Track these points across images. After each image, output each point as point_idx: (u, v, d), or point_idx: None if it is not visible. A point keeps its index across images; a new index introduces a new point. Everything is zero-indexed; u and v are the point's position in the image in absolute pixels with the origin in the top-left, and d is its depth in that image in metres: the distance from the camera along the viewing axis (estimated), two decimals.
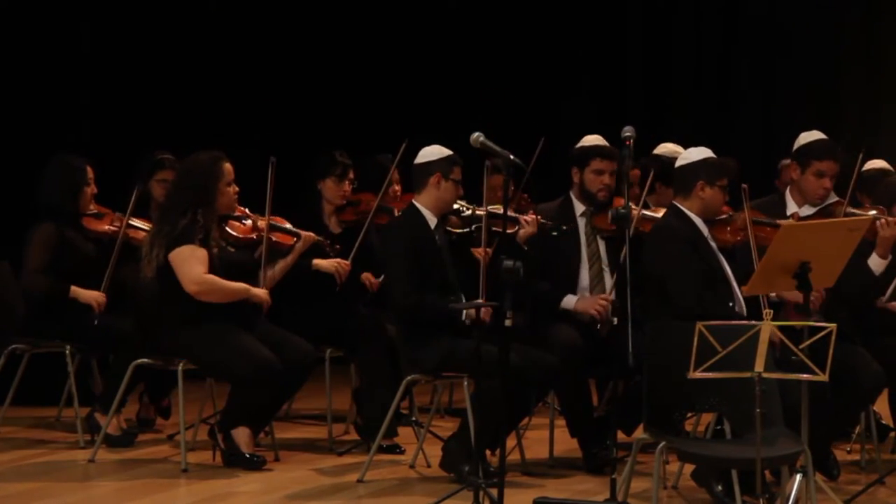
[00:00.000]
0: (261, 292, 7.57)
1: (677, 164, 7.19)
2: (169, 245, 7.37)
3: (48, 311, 8.12)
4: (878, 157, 8.33)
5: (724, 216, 7.24)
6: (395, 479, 7.38)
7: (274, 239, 7.83)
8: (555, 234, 7.61)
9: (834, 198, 7.36)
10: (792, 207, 7.35)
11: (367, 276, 8.31)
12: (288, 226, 7.95)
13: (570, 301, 7.58)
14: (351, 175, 8.40)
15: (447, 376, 7.40)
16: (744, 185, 7.16)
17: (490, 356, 6.71)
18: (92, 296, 8.11)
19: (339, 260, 8.14)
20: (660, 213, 7.65)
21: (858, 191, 7.89)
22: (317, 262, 8.11)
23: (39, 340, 8.25)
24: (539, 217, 7.54)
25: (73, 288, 8.09)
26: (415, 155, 7.49)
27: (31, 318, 8.25)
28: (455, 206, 7.53)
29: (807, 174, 7.32)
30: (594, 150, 7.76)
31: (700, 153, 7.15)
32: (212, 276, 7.38)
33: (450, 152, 7.39)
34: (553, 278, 7.64)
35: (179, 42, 11.30)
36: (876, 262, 7.14)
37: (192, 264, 7.35)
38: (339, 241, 8.26)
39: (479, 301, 7.18)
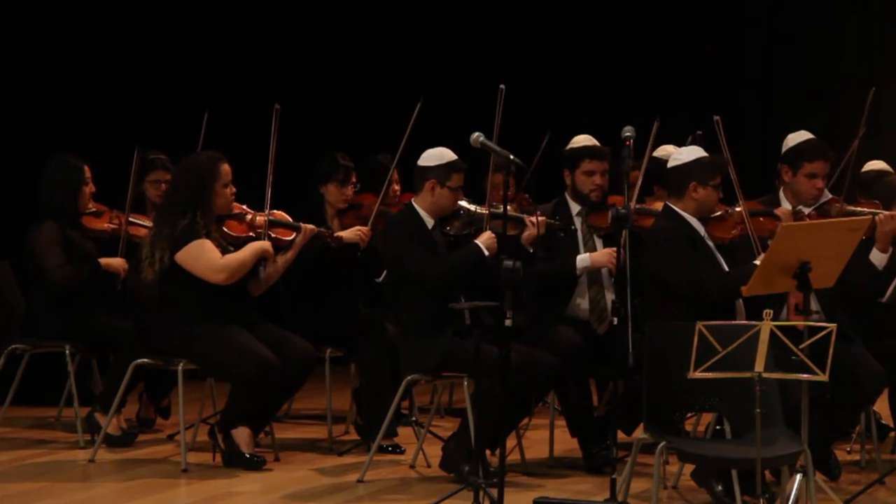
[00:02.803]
0: (266, 244, 7.58)
1: (669, 164, 7.19)
2: (173, 246, 7.37)
3: (49, 310, 8.12)
4: (877, 157, 8.33)
5: (719, 213, 7.23)
6: (395, 479, 7.38)
7: (273, 235, 7.82)
8: (562, 234, 7.61)
9: (828, 196, 7.36)
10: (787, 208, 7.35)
11: (358, 230, 8.24)
12: (288, 219, 7.93)
13: (584, 259, 7.56)
14: (353, 178, 8.38)
15: (447, 376, 7.40)
16: (716, 117, 7.14)
17: (490, 356, 6.71)
18: (118, 262, 8.15)
19: (358, 227, 8.12)
20: (654, 206, 7.66)
21: (857, 190, 7.89)
22: (338, 233, 8.09)
23: (39, 340, 8.26)
24: (546, 218, 7.53)
25: (102, 260, 8.11)
26: (416, 153, 7.47)
27: (31, 318, 8.25)
28: (458, 205, 7.51)
29: (798, 176, 7.31)
30: (583, 152, 7.75)
31: (691, 153, 7.15)
32: (227, 257, 7.41)
33: (452, 158, 7.35)
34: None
35: (180, 41, 11.30)
36: (877, 257, 7.14)
37: (206, 256, 7.37)
38: (342, 243, 8.24)
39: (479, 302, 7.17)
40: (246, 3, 11.74)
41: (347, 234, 8.12)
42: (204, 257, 7.37)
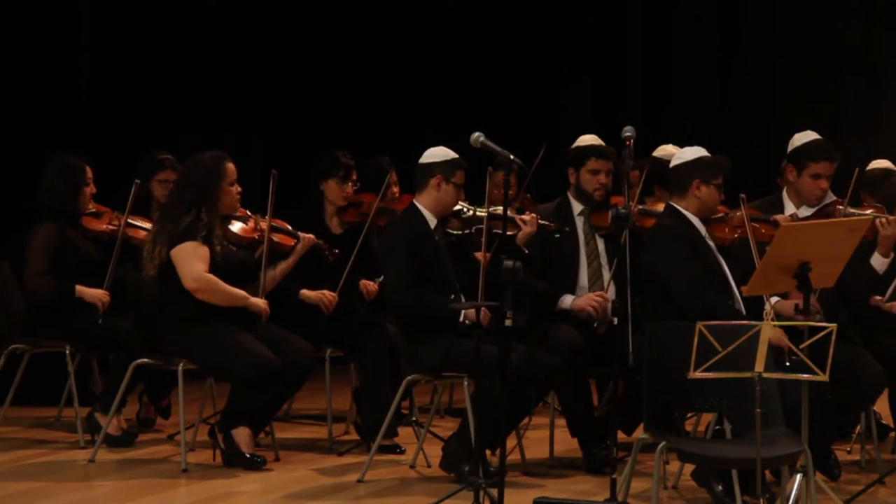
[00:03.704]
0: (260, 302, 7.56)
1: (672, 163, 7.20)
2: (172, 242, 7.38)
3: (49, 311, 8.12)
4: (878, 157, 8.33)
5: (720, 215, 7.24)
6: (395, 479, 7.38)
7: (275, 240, 7.84)
8: (557, 235, 7.62)
9: (832, 197, 7.36)
10: (790, 208, 7.36)
11: (364, 284, 8.32)
12: (288, 228, 7.96)
13: (566, 301, 7.59)
14: (354, 176, 8.39)
15: (447, 376, 7.40)
16: (742, 195, 7.16)
17: (490, 356, 6.71)
18: (97, 294, 8.12)
19: (324, 291, 8.10)
20: (656, 207, 7.66)
21: (861, 189, 7.90)
22: (304, 292, 8.08)
23: (39, 340, 8.26)
24: (538, 217, 7.54)
25: (78, 287, 8.10)
26: (415, 156, 7.49)
27: (31, 318, 8.25)
28: (456, 208, 7.53)
29: (803, 176, 7.32)
30: (590, 150, 7.77)
31: (694, 152, 7.16)
32: (212, 276, 7.38)
33: (454, 155, 7.39)
34: (552, 277, 7.64)
35: (179, 41, 11.30)
36: (878, 261, 7.15)
37: (193, 261, 7.36)
38: (340, 242, 8.24)
39: (479, 301, 7.17)
40: (247, 6, 11.74)
41: (312, 296, 8.08)
42: (189, 261, 7.36)
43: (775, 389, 6.06)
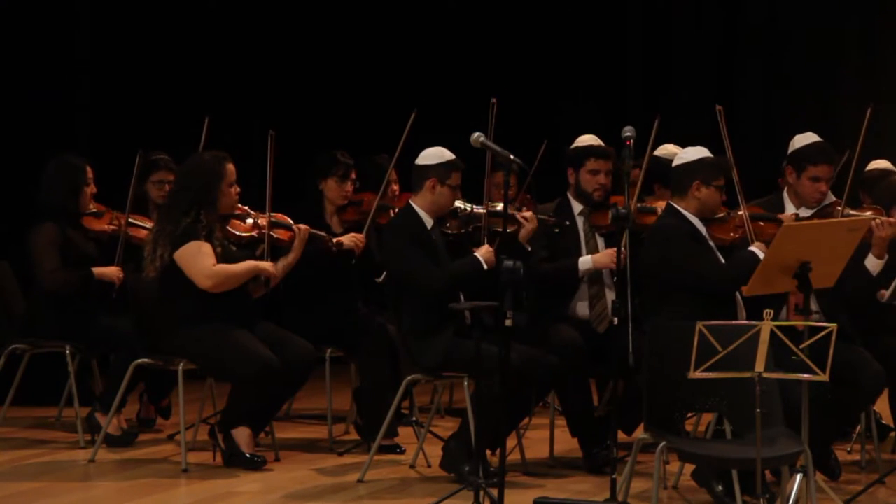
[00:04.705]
0: (267, 265, 7.60)
1: (674, 163, 7.21)
2: (174, 244, 7.38)
3: (51, 310, 8.12)
4: (878, 157, 8.32)
5: (721, 215, 7.24)
6: (395, 479, 7.38)
7: (275, 235, 7.84)
8: (557, 230, 7.62)
9: (831, 198, 7.36)
10: (790, 209, 7.36)
11: (353, 236, 8.24)
12: (289, 222, 7.95)
13: (586, 262, 7.57)
14: (353, 175, 8.40)
15: (447, 376, 7.40)
16: (719, 107, 7.14)
17: (490, 356, 6.71)
18: (112, 271, 8.15)
19: (353, 234, 8.13)
20: (655, 204, 7.66)
21: (860, 189, 7.87)
22: (337, 239, 8.10)
23: (39, 340, 8.26)
24: (537, 215, 7.54)
25: (95, 269, 8.11)
26: (414, 154, 7.49)
27: (31, 318, 8.25)
28: (453, 206, 7.53)
29: (802, 178, 7.32)
30: (589, 150, 7.77)
31: (696, 153, 7.16)
32: (221, 266, 7.40)
33: (450, 157, 7.37)
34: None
35: (178, 40, 11.30)
36: (873, 263, 7.13)
37: (200, 259, 7.37)
38: (341, 248, 8.23)
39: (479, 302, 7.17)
40: (246, 4, 11.74)
41: (345, 240, 8.13)
42: (197, 259, 7.37)
43: (775, 389, 6.06)
